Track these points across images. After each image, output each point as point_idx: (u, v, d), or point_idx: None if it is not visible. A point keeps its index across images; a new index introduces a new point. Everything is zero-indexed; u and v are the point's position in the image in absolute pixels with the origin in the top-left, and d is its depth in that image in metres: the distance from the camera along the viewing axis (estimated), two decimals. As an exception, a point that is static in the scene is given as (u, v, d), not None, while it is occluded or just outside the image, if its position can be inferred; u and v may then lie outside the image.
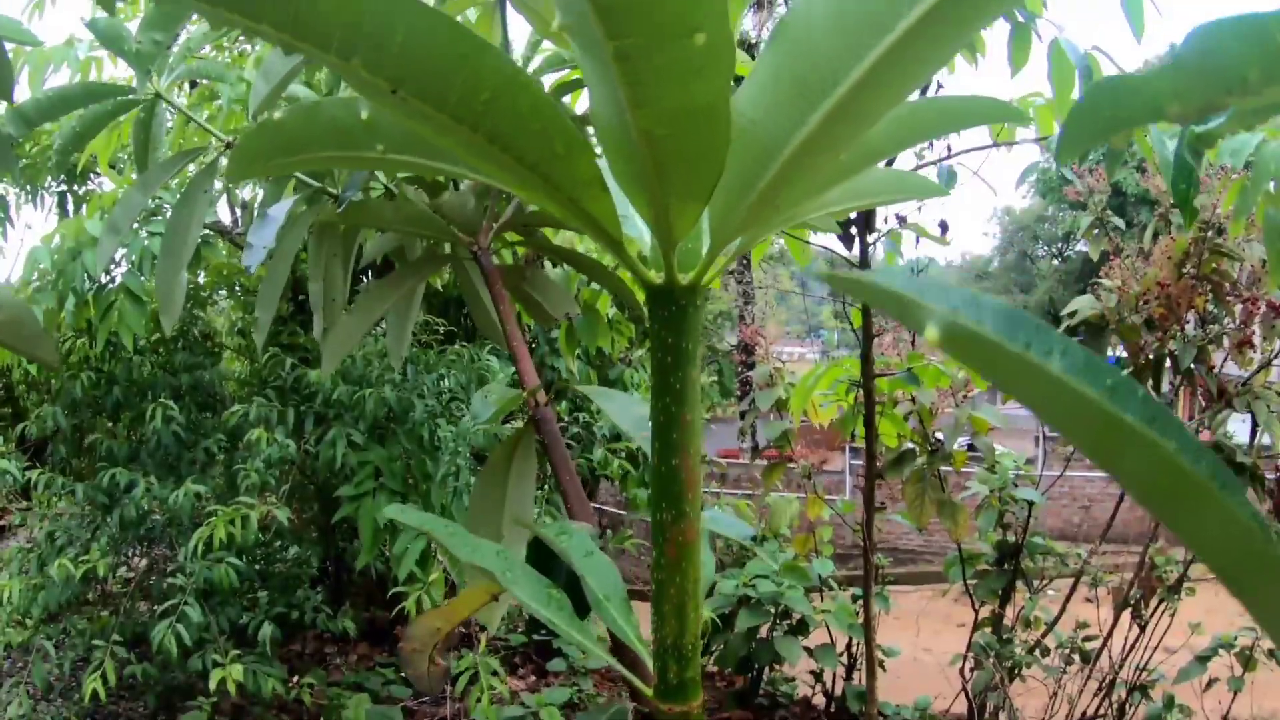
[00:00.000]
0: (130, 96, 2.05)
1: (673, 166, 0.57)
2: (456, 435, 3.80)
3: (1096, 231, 4.60)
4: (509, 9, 1.90)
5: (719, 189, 0.60)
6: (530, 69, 2.29)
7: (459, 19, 2.11)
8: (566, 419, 5.06)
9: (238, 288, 5.20)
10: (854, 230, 2.70)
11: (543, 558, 1.06)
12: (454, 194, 1.66)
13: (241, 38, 3.35)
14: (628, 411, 1.23)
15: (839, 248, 2.85)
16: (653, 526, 0.77)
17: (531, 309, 1.90)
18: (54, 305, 4.45)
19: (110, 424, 4.87)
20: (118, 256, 4.50)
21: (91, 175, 5.84)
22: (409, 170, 1.51)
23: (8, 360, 5.36)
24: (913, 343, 3.19)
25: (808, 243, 2.66)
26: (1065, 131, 0.43)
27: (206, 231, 4.59)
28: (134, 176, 2.69)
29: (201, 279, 5.05)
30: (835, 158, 0.63)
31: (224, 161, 2.23)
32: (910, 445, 3.73)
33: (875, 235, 2.75)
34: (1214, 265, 4.37)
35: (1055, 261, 28.16)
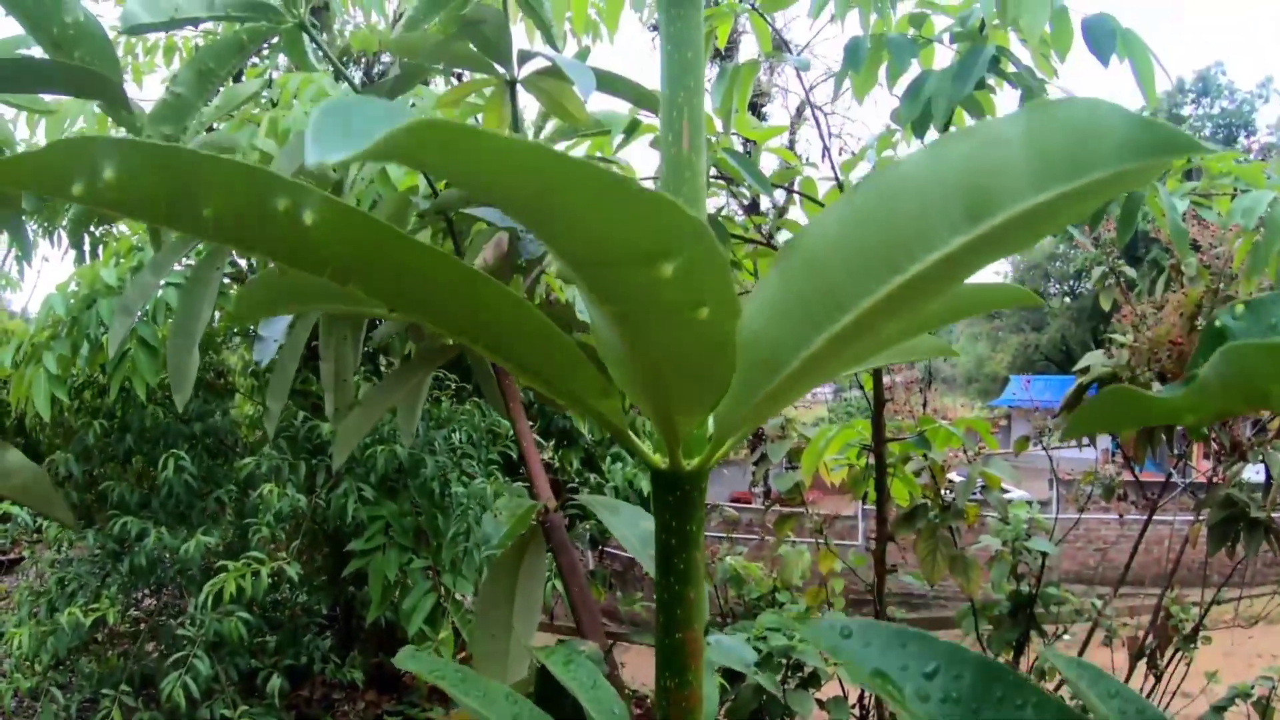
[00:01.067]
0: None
1: (676, 389, 0.57)
2: (468, 494, 3.80)
3: (1109, 282, 4.59)
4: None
5: (724, 399, 0.60)
6: (541, 137, 2.30)
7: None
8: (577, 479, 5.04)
9: (251, 329, 5.22)
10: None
11: (550, 686, 1.06)
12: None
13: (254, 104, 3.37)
14: (634, 526, 1.22)
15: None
16: (657, 691, 0.77)
17: (541, 396, 1.90)
18: (68, 353, 4.48)
19: (122, 470, 4.88)
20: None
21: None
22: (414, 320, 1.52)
23: (21, 397, 5.40)
24: (925, 404, 3.18)
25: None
26: (1071, 422, 0.43)
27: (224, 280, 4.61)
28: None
29: (216, 321, 5.08)
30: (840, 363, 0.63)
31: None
32: (923, 501, 3.71)
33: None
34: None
35: (1067, 299, 28.11)
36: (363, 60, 4.84)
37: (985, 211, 0.43)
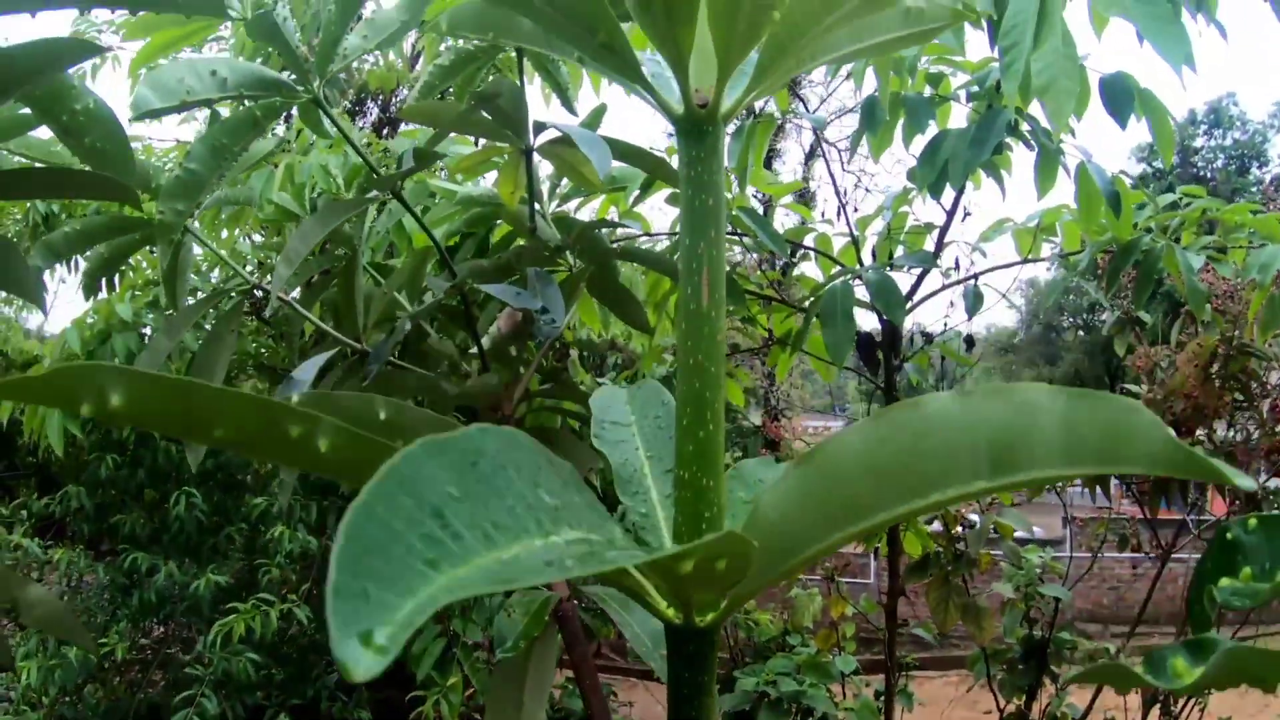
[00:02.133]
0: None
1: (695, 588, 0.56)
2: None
3: (1123, 329, 4.56)
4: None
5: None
6: (557, 193, 2.30)
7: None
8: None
9: (265, 362, 5.23)
10: (879, 354, 2.69)
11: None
12: (478, 379, 1.66)
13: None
14: (645, 626, 1.21)
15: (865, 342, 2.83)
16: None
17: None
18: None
19: (133, 503, 4.89)
20: (145, 333, 4.54)
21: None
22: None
23: (35, 428, 5.41)
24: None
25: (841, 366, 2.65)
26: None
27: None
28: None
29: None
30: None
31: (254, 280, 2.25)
32: (935, 550, 3.69)
33: (900, 360, 2.73)
34: (1242, 365, 4.33)
35: (1080, 333, 28.02)
36: (380, 97, 4.87)
37: (1011, 469, 0.43)
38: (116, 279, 5.28)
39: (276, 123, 1.78)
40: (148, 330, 4.63)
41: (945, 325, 2.99)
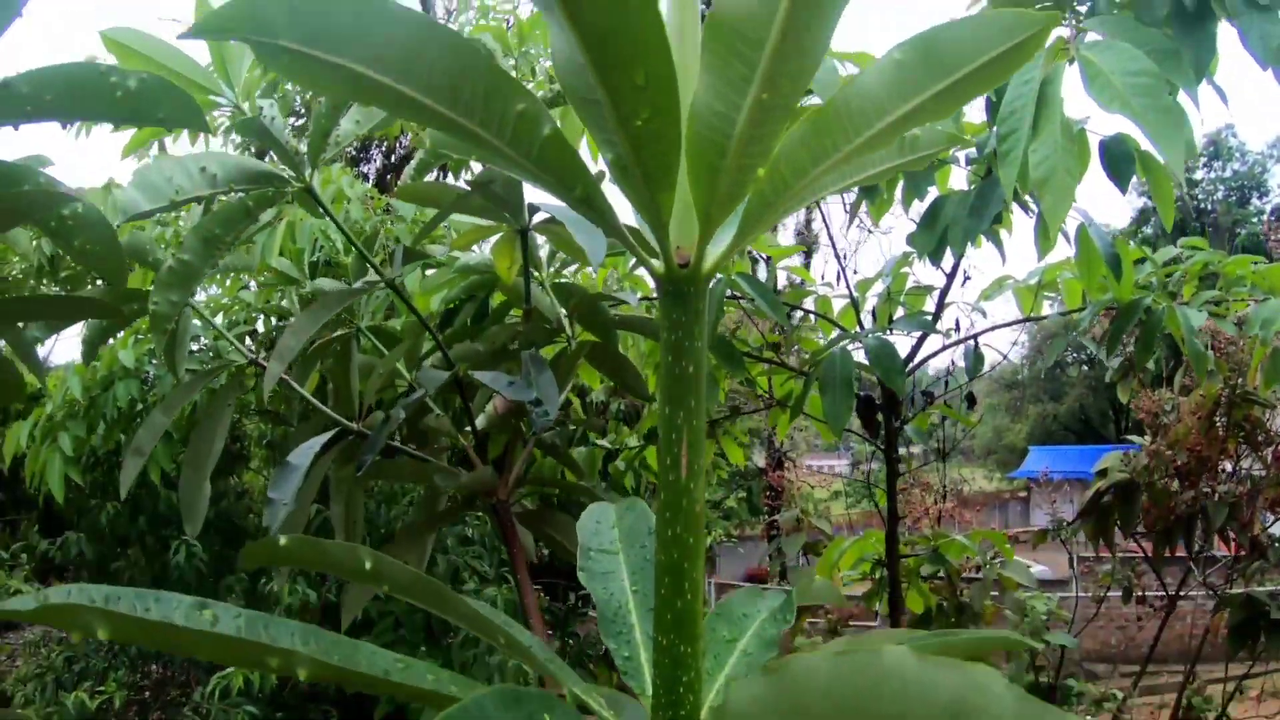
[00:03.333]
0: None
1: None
2: (481, 599, 3.75)
3: (1126, 376, 4.54)
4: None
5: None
6: (555, 263, 2.30)
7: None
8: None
9: (268, 405, 5.22)
10: (879, 416, 2.67)
11: None
12: (472, 475, 1.66)
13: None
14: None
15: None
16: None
17: (554, 546, 1.89)
18: (83, 434, 4.48)
19: (134, 548, 4.87)
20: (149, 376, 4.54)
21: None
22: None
23: (36, 472, 5.40)
24: (938, 520, 3.14)
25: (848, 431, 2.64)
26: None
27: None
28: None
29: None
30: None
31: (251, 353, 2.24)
32: (939, 602, 3.66)
33: (900, 422, 2.72)
34: (1245, 412, 4.31)
35: (1084, 367, 27.94)
36: (383, 145, 4.91)
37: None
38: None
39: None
40: (151, 371, 4.64)
41: (946, 386, 2.97)
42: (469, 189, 1.70)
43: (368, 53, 0.72)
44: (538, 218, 1.82)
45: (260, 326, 3.50)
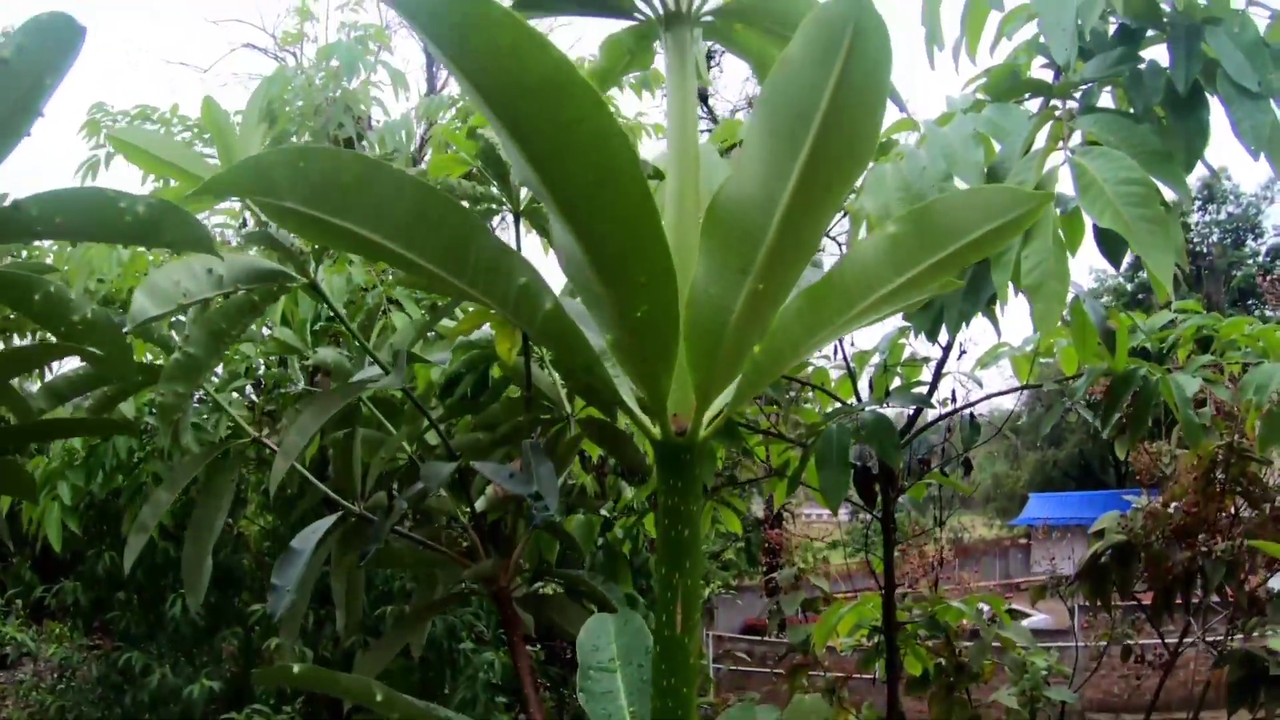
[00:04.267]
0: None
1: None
2: (478, 661, 3.75)
3: (1123, 433, 4.56)
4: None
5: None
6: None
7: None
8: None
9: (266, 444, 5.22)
10: (876, 487, 2.69)
11: None
12: (473, 568, 1.68)
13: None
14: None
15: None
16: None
17: (553, 625, 1.91)
18: (82, 483, 4.49)
19: (127, 594, 4.86)
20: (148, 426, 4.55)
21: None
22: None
23: (35, 518, 5.40)
24: (935, 585, 3.15)
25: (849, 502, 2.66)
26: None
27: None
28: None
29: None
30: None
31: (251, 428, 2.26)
32: (937, 662, 3.66)
33: (897, 492, 2.73)
34: (1242, 469, 4.31)
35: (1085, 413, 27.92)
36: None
37: None
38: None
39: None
40: (150, 422, 4.64)
41: (944, 452, 2.99)
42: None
43: (370, 217, 0.74)
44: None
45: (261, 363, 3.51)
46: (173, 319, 1.93)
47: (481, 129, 1.64)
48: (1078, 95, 2.00)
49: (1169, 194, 1.77)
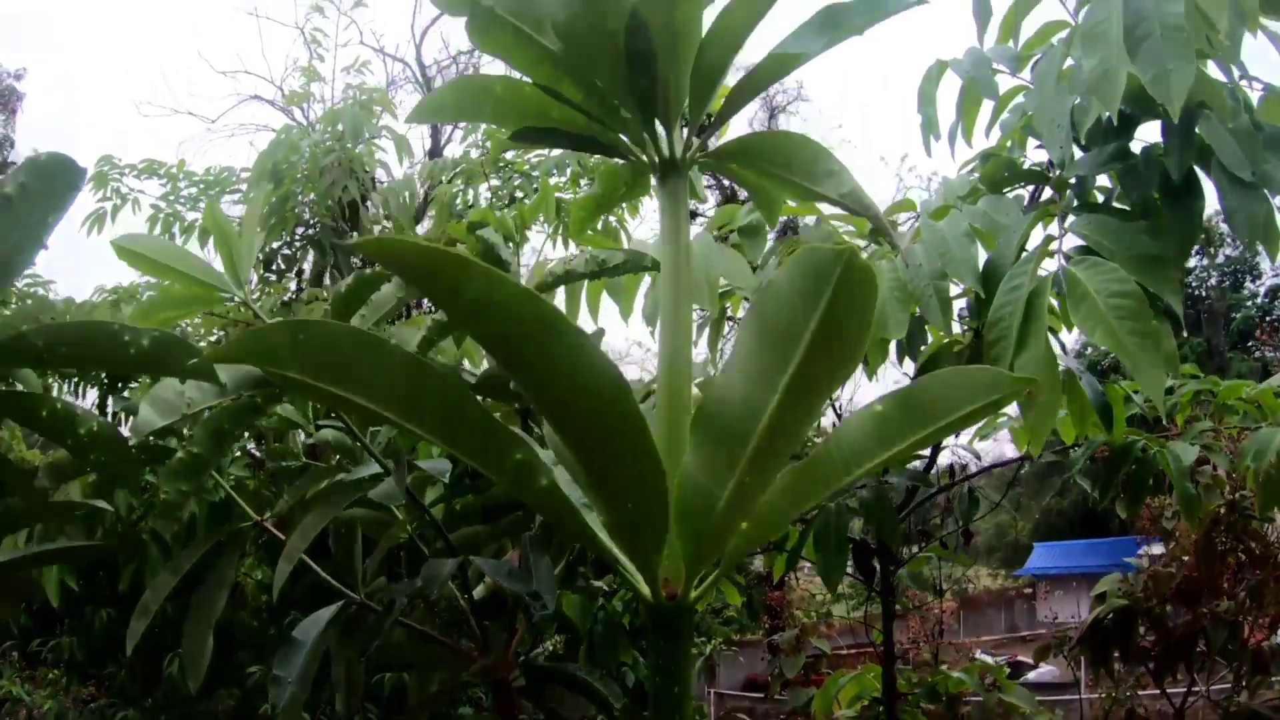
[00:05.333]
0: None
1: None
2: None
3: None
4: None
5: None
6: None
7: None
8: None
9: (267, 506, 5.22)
10: (875, 561, 2.69)
11: None
12: (480, 663, 1.69)
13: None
14: None
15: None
16: None
17: (553, 716, 1.91)
18: (82, 534, 4.48)
19: (127, 657, 4.84)
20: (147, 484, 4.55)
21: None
22: None
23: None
24: (935, 658, 3.15)
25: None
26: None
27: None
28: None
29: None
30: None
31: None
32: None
33: (896, 565, 2.73)
34: (1244, 526, 4.31)
35: (1089, 461, 27.84)
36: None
37: None
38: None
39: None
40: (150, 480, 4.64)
41: (943, 521, 3.00)
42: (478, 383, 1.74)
43: (368, 388, 0.76)
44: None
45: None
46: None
47: (482, 229, 1.66)
48: (1072, 180, 2.02)
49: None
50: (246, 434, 3.67)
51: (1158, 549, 5.23)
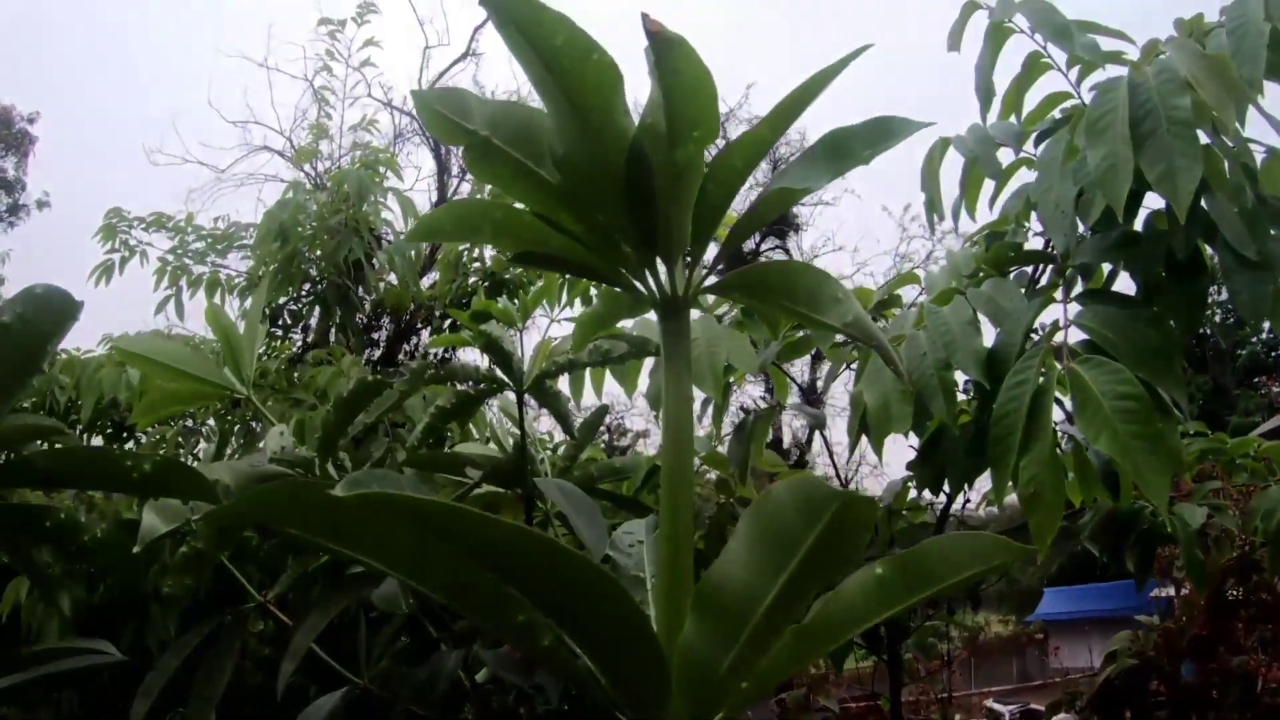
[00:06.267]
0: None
1: None
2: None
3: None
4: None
5: None
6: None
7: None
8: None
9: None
10: (882, 630, 2.67)
11: None
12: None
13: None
14: None
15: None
16: None
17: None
18: (83, 594, 4.47)
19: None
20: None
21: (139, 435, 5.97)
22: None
23: (35, 625, 5.37)
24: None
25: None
26: None
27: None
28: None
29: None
30: None
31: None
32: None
33: (903, 634, 2.72)
34: (1255, 579, 4.28)
35: (1095, 500, 27.68)
36: (394, 313, 5.01)
37: None
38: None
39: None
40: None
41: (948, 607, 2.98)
42: (478, 471, 1.74)
43: (369, 548, 0.76)
44: (545, 489, 1.86)
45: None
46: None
47: (486, 324, 1.67)
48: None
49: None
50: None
51: (1171, 589, 5.19)
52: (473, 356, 3.90)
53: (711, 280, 0.98)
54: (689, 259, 0.97)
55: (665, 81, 0.84)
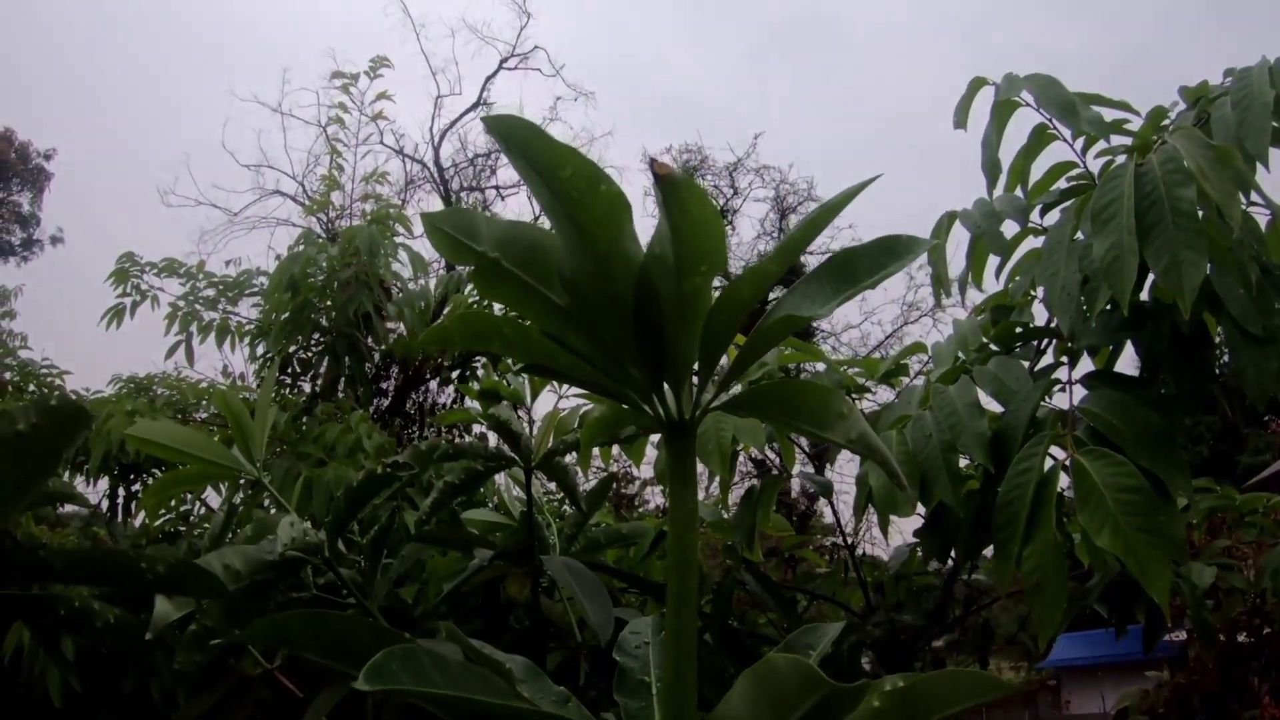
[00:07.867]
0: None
1: None
2: None
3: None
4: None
5: None
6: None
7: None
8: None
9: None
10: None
11: None
12: None
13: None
14: None
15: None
16: None
17: None
18: (86, 641, 4.48)
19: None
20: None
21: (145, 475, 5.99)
22: None
23: (36, 669, 5.37)
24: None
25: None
26: None
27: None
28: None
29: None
30: None
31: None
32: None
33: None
34: (1266, 630, 4.26)
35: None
36: (403, 363, 5.05)
37: None
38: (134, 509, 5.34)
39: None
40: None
41: (957, 653, 2.97)
42: (484, 552, 1.76)
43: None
44: (551, 567, 1.87)
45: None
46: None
47: (494, 408, 1.69)
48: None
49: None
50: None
51: (1184, 633, 5.15)
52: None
53: (719, 401, 1.00)
54: (695, 382, 0.98)
55: (674, 218, 0.86)
